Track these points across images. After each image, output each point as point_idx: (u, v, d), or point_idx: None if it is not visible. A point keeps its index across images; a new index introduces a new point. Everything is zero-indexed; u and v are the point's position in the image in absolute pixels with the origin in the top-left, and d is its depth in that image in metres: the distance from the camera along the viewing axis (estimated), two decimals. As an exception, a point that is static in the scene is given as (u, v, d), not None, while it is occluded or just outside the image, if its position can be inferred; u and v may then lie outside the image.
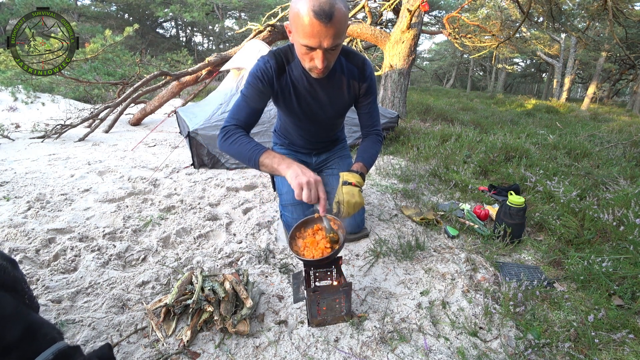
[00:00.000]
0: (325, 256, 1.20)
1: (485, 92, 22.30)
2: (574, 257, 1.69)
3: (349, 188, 1.33)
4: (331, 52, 1.19)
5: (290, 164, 1.20)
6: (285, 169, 1.19)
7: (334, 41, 1.13)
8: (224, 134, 1.34)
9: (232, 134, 1.33)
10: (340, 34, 1.13)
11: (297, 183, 1.13)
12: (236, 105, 1.40)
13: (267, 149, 1.27)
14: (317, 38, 1.10)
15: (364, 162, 1.48)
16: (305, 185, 1.13)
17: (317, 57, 1.17)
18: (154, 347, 1.16)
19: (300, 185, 1.13)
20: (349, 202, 1.30)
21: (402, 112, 5.56)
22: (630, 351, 1.18)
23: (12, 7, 12.23)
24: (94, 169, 3.02)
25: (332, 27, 1.08)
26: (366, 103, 1.57)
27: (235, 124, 1.36)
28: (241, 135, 1.32)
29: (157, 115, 6.13)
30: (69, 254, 1.68)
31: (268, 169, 1.25)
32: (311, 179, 1.14)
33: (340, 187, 1.35)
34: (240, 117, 1.37)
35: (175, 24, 23.40)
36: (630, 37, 10.26)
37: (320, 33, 1.09)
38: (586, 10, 7.38)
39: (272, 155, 1.24)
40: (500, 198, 2.53)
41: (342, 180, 1.36)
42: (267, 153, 1.25)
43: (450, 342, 1.22)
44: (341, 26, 1.11)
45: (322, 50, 1.15)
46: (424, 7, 4.74)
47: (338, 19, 1.08)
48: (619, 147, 4.21)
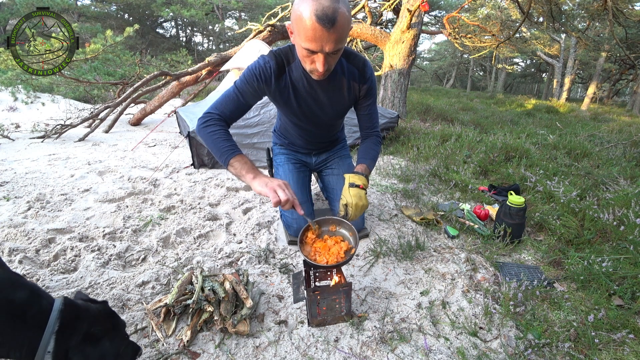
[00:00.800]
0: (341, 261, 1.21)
1: (485, 92, 22.29)
2: (574, 257, 1.69)
3: (357, 190, 1.33)
4: (333, 55, 1.18)
5: (257, 175, 1.23)
6: (251, 179, 1.22)
7: (336, 46, 1.13)
8: (205, 121, 1.33)
9: (212, 124, 1.32)
10: (342, 38, 1.12)
11: (269, 187, 1.16)
12: (225, 96, 1.38)
13: (241, 153, 1.28)
14: (319, 42, 1.10)
15: (367, 164, 1.49)
16: (277, 187, 1.16)
17: (318, 61, 1.17)
18: (154, 347, 1.16)
19: (273, 189, 1.16)
20: (356, 204, 1.30)
21: (402, 112, 5.56)
22: (630, 351, 1.18)
23: (12, 7, 12.22)
24: (94, 169, 3.02)
25: (334, 32, 1.08)
26: (366, 105, 1.56)
27: (219, 114, 1.35)
28: (220, 129, 1.31)
29: (157, 115, 6.13)
30: (69, 254, 1.68)
31: (236, 172, 1.26)
32: (281, 182, 1.18)
33: (347, 190, 1.34)
34: (225, 110, 1.36)
35: (175, 24, 23.39)
36: (630, 37, 10.26)
37: (322, 38, 1.08)
38: (586, 10, 7.38)
39: (244, 161, 1.25)
40: (500, 198, 2.53)
41: (349, 183, 1.36)
42: (239, 157, 1.26)
43: (450, 342, 1.22)
44: (344, 31, 1.11)
45: (323, 54, 1.14)
46: (424, 7, 4.74)
47: (341, 24, 1.07)
48: (619, 147, 4.21)
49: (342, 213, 1.34)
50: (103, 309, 0.88)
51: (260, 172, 1.25)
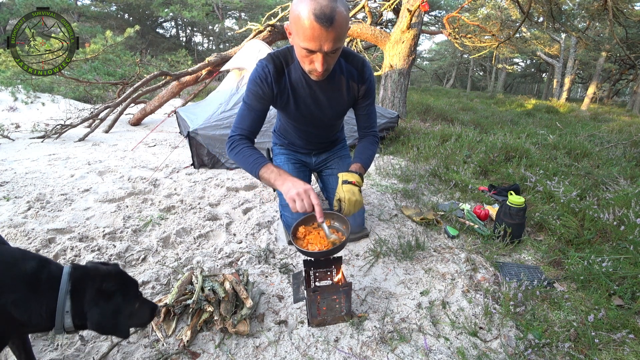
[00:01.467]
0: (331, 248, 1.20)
1: (485, 92, 22.29)
2: (574, 257, 1.69)
3: (350, 187, 1.35)
4: (331, 55, 1.19)
5: (285, 179, 1.25)
6: (280, 185, 1.25)
7: (335, 45, 1.13)
8: (230, 144, 1.41)
9: (236, 145, 1.39)
10: (340, 37, 1.13)
11: (289, 197, 1.18)
12: (239, 115, 1.45)
13: (267, 162, 1.33)
14: (317, 42, 1.11)
15: (362, 163, 1.50)
16: (296, 196, 1.16)
17: (317, 61, 1.18)
18: (154, 347, 1.16)
19: (292, 198, 1.17)
20: (350, 199, 1.32)
21: (402, 112, 5.56)
22: (630, 351, 1.18)
23: (12, 7, 12.23)
24: (94, 169, 3.02)
25: (332, 31, 1.08)
26: (364, 105, 1.57)
27: (239, 133, 1.42)
28: (244, 147, 1.38)
29: (157, 115, 6.13)
30: (69, 254, 1.68)
31: (266, 182, 1.31)
32: (300, 190, 1.17)
33: (341, 186, 1.37)
34: (244, 126, 1.42)
35: (175, 24, 23.39)
36: (630, 37, 10.26)
37: (320, 37, 1.09)
38: (586, 10, 7.38)
39: (270, 169, 1.30)
40: (500, 198, 2.53)
41: (342, 180, 1.38)
42: (266, 167, 1.31)
43: (450, 342, 1.22)
44: (342, 30, 1.11)
45: (322, 54, 1.15)
46: (424, 7, 4.74)
47: (339, 23, 1.08)
48: (619, 147, 4.21)
49: (336, 207, 1.38)
50: (113, 269, 0.91)
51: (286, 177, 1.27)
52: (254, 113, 1.43)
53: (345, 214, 1.35)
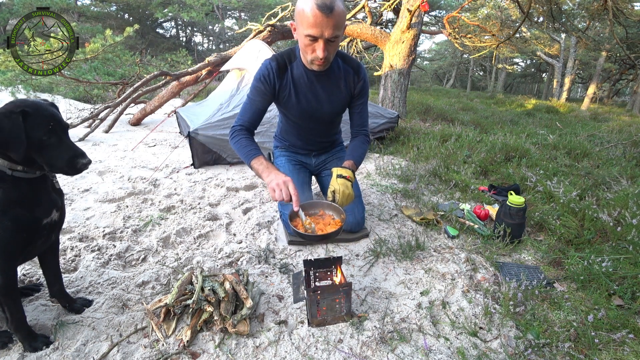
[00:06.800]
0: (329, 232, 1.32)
1: (485, 92, 22.26)
2: (574, 257, 1.69)
3: (344, 180, 1.48)
4: (331, 43, 1.36)
5: (270, 172, 1.40)
6: (266, 176, 1.40)
7: (334, 32, 1.31)
8: (231, 133, 1.59)
9: (236, 134, 1.57)
10: (339, 26, 1.31)
11: (270, 187, 1.33)
12: (242, 108, 1.62)
13: (260, 155, 1.49)
14: (319, 28, 1.28)
15: (354, 161, 1.63)
16: (276, 186, 1.32)
17: (318, 48, 1.35)
18: (154, 347, 1.16)
19: (273, 188, 1.32)
20: (343, 192, 1.45)
21: (402, 112, 5.56)
22: (630, 351, 1.18)
23: (12, 7, 12.22)
24: (94, 169, 3.02)
25: (332, 19, 1.27)
26: (359, 103, 1.73)
27: (241, 124, 1.59)
28: (242, 137, 1.55)
29: (157, 115, 6.12)
30: (69, 254, 1.68)
31: (256, 172, 1.47)
32: (280, 181, 1.32)
33: (335, 179, 1.49)
34: (245, 119, 1.59)
35: (175, 24, 23.38)
36: (630, 37, 10.25)
37: (322, 23, 1.27)
38: (586, 10, 7.38)
39: (260, 162, 1.46)
40: (500, 198, 2.53)
41: (337, 174, 1.50)
42: (256, 159, 1.47)
43: (450, 342, 1.22)
44: (340, 19, 1.30)
45: (323, 40, 1.32)
46: (424, 7, 4.74)
47: (338, 13, 1.28)
48: (619, 147, 4.21)
49: (330, 198, 1.49)
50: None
51: (272, 170, 1.40)
52: (255, 107, 1.59)
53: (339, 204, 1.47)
